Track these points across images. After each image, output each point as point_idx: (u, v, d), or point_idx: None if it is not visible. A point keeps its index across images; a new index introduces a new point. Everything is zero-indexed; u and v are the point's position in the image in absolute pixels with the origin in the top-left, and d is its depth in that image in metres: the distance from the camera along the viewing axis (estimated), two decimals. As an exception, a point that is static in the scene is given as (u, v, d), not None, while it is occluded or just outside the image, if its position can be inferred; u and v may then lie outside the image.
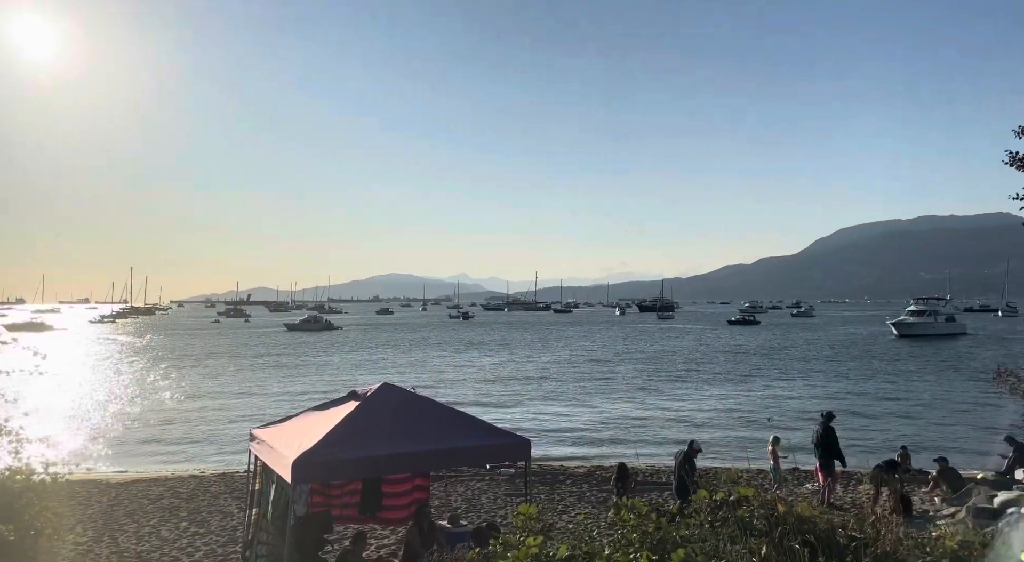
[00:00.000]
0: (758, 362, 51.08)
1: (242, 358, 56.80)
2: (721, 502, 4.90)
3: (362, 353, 61.33)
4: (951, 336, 78.41)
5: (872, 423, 26.33)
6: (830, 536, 4.59)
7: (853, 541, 4.60)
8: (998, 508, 13.02)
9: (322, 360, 54.72)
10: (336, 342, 75.84)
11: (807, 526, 4.64)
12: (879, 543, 4.48)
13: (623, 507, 4.74)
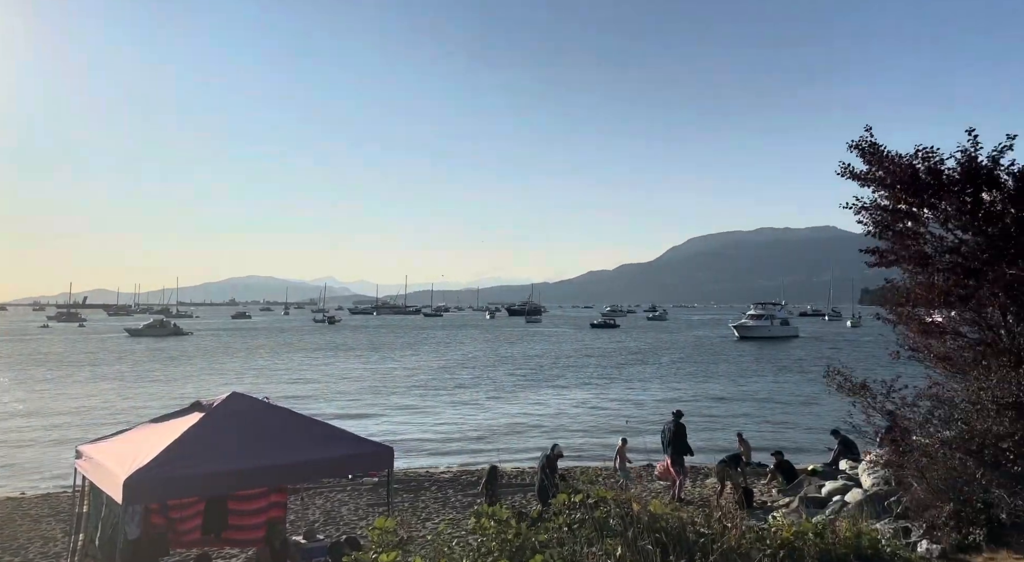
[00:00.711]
0: (617, 363, 53.33)
1: (76, 366, 51.55)
2: (579, 504, 4.94)
3: (213, 360, 57.58)
4: (785, 338, 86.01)
5: (717, 420, 28.16)
6: (680, 533, 4.74)
7: (701, 537, 4.78)
8: (825, 497, 14.24)
9: (166, 368, 50.77)
10: (184, 349, 70.70)
11: (660, 524, 4.77)
12: (725, 538, 4.69)
13: (484, 515, 4.66)
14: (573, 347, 72.33)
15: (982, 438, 7.47)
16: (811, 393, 35.26)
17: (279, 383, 40.57)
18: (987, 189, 8.07)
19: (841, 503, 13.18)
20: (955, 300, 8.73)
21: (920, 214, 9.05)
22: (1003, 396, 7.51)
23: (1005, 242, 7.86)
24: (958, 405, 8.53)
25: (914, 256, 9.00)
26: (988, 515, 7.53)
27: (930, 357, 9.54)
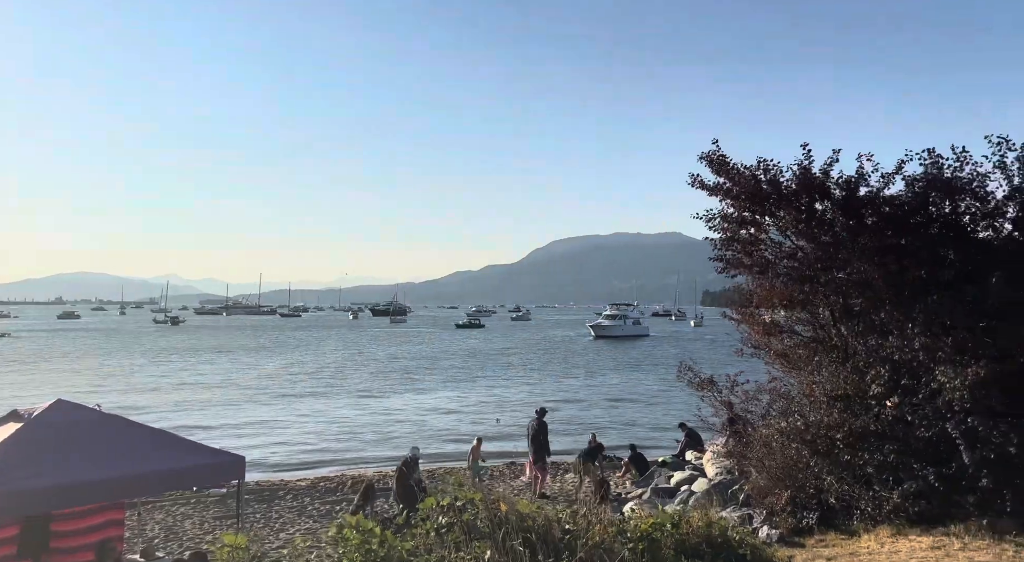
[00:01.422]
0: (483, 363, 53.77)
1: None
2: (447, 507, 4.81)
3: (33, 365, 51.69)
4: (638, 337, 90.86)
5: (578, 415, 29.11)
6: (547, 531, 4.74)
7: (567, 534, 4.81)
8: (674, 487, 15.04)
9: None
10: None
11: (527, 523, 4.75)
12: (590, 533, 4.75)
13: (347, 526, 4.41)
14: (439, 347, 72.10)
15: (815, 429, 8.17)
16: (661, 389, 37.37)
17: (112, 391, 37.00)
18: (820, 199, 8.85)
19: (689, 492, 13.97)
20: (792, 302, 9.51)
21: (762, 222, 9.77)
22: (833, 389, 8.25)
23: (836, 248, 8.66)
24: (794, 398, 9.28)
25: (757, 261, 9.71)
26: (819, 500, 8.24)
27: (770, 354, 10.34)
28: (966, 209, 8.53)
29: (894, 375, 7.73)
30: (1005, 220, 8.37)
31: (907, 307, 7.94)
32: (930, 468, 7.34)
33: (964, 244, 8.21)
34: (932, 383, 7.25)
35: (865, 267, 8.28)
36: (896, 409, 7.55)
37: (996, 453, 6.94)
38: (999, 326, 7.19)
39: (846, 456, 7.88)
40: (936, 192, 8.60)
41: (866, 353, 8.23)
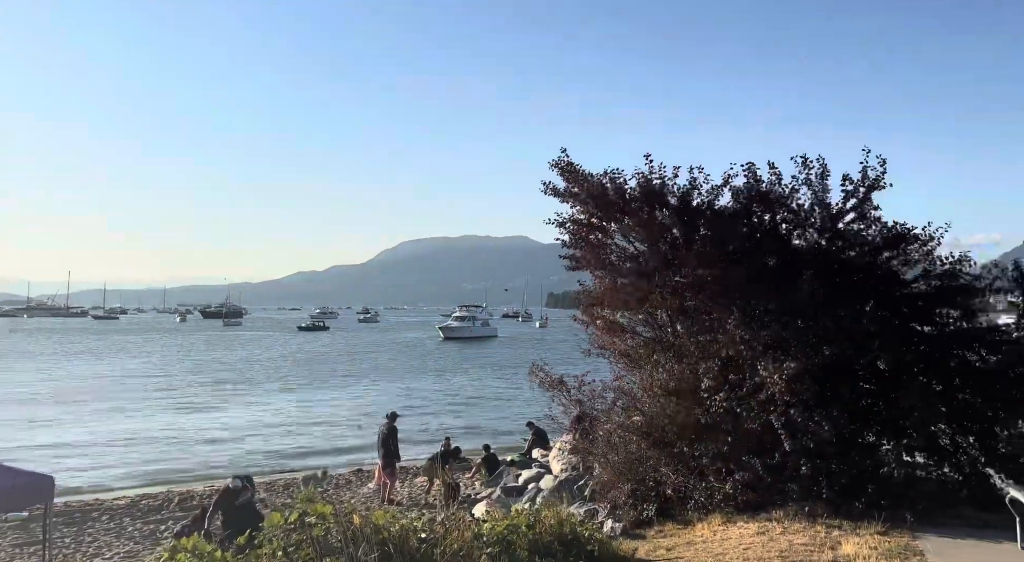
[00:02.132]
0: (328, 367, 51.93)
1: None
2: (296, 523, 4.51)
3: None
4: (487, 338, 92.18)
5: (428, 418, 28.92)
6: (404, 542, 4.59)
7: (424, 543, 4.68)
8: (522, 486, 15.33)
9: None
10: None
11: (382, 535, 4.56)
12: (448, 541, 4.65)
13: (181, 549, 3.99)
14: (279, 351, 68.66)
15: (654, 423, 8.65)
16: (510, 388, 38.11)
17: None
18: (659, 208, 9.44)
19: (536, 490, 14.28)
20: (634, 303, 10.04)
21: (608, 227, 10.24)
22: (669, 386, 8.79)
23: (673, 253, 9.28)
24: (636, 395, 9.79)
25: (603, 264, 10.19)
26: (658, 492, 8.72)
27: (614, 353, 10.84)
28: (783, 219, 9.48)
29: (724, 371, 8.36)
30: (813, 229, 9.38)
31: (734, 307, 8.64)
32: (757, 459, 8.00)
33: (782, 250, 9.10)
34: (755, 377, 7.92)
35: (699, 270, 8.91)
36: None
37: (813, 442, 7.70)
38: (809, 323, 8.01)
39: (683, 449, 8.41)
40: (757, 204, 9.46)
41: (698, 350, 8.85)
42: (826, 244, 9.27)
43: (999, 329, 9.02)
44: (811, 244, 9.38)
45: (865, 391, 8.56)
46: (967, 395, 8.36)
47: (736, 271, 8.64)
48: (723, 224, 9.36)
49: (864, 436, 8.53)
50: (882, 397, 8.40)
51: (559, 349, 64.52)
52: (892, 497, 7.79)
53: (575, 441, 12.53)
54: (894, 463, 8.35)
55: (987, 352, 8.59)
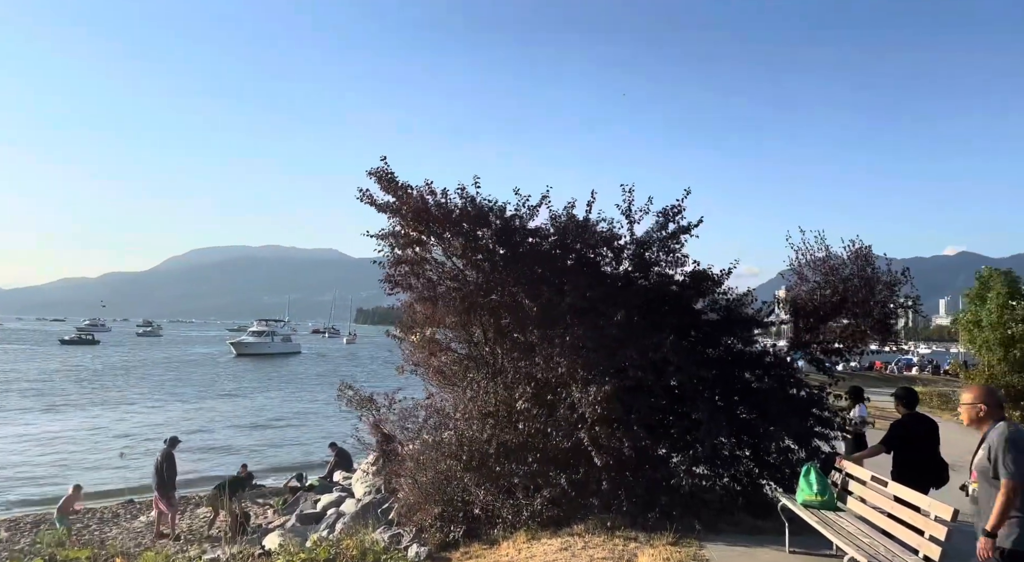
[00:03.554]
0: (96, 385, 45.87)
1: None
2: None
3: None
4: (288, 355, 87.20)
5: (217, 442, 26.51)
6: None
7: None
8: (321, 512, 14.45)
9: None
10: None
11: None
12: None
13: None
14: (34, 368, 59.50)
15: (468, 443, 8.51)
16: (311, 408, 36.22)
17: None
18: (481, 227, 9.38)
19: (337, 515, 13.54)
20: (452, 321, 9.88)
21: (428, 242, 9.99)
22: (484, 405, 8.71)
23: (493, 273, 9.24)
24: (449, 414, 9.60)
25: (422, 281, 9.89)
26: (466, 513, 8.57)
27: (429, 371, 10.58)
28: (600, 249, 9.82)
29: (539, 392, 8.46)
30: (628, 261, 9.86)
31: (552, 330, 8.80)
32: (563, 475, 8.15)
33: (598, 278, 9.44)
34: (569, 398, 8.10)
35: (518, 293, 8.98)
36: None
37: (614, 458, 8.00)
38: (619, 349, 8.37)
39: (494, 468, 8.35)
40: (574, 231, 9.71)
41: (514, 371, 8.89)
42: (639, 277, 9.78)
43: (773, 353, 10.09)
44: (625, 275, 9.82)
45: (660, 407, 9.12)
46: (745, 412, 9.22)
47: (554, 296, 8.81)
48: (541, 250, 9.52)
49: (658, 450, 9.07)
50: (674, 413, 9.00)
51: (368, 366, 62.87)
52: (682, 507, 8.32)
53: (382, 462, 12.07)
54: (684, 475, 8.94)
55: (761, 373, 9.56)
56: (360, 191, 9.93)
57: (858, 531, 6.27)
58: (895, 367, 52.55)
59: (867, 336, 20.79)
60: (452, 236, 9.42)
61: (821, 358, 11.08)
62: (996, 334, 23.93)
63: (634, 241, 9.81)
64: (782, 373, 9.77)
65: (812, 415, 9.52)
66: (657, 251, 9.90)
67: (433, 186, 9.71)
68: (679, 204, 9.69)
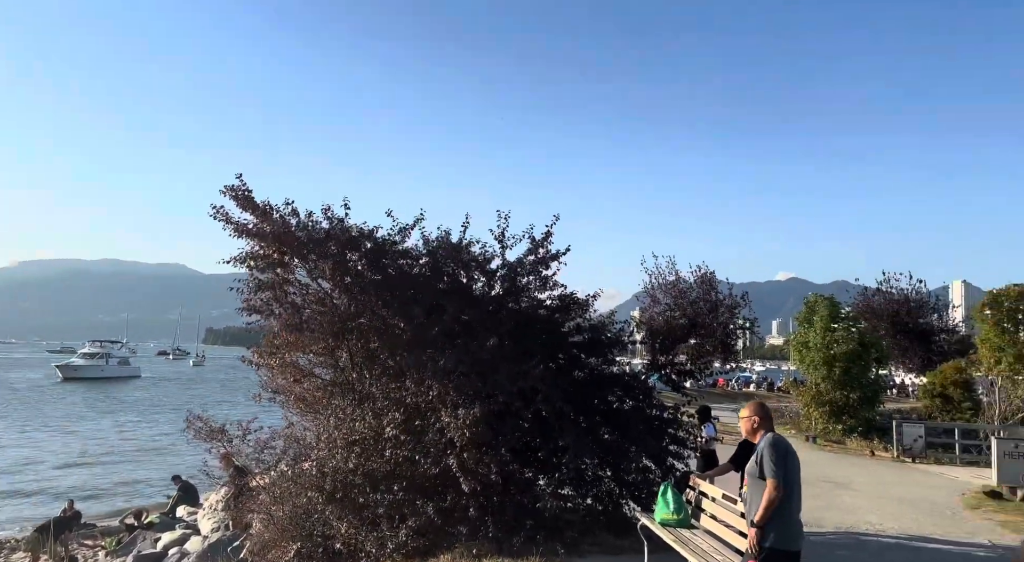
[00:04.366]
0: None
1: None
2: None
3: None
4: (125, 379, 79.75)
5: (39, 480, 23.68)
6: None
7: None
8: (162, 552, 13.30)
9: None
10: None
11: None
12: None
13: None
14: None
15: (332, 474, 8.14)
16: (151, 439, 33.34)
17: None
18: (351, 249, 9.10)
19: (180, 554, 12.55)
20: (318, 346, 9.46)
21: (291, 264, 9.55)
22: (350, 433, 8.39)
23: (363, 296, 8.97)
24: (311, 443, 9.16)
25: (286, 306, 9.40)
26: (326, 547, 8.19)
27: (290, 398, 10.05)
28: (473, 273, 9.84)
29: (408, 418, 8.29)
30: (500, 284, 9.94)
31: (423, 354, 8.66)
32: (430, 503, 8.00)
33: (471, 301, 9.43)
34: (438, 424, 7.99)
35: (389, 316, 8.79)
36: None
37: (482, 483, 7.97)
38: (490, 374, 8.39)
39: (358, 499, 8.05)
40: (448, 255, 9.67)
41: (383, 396, 8.66)
42: (511, 301, 9.89)
43: (634, 375, 10.54)
44: (497, 299, 9.89)
45: (527, 431, 9.23)
46: (608, 433, 9.54)
47: (426, 320, 8.71)
48: (416, 272, 9.40)
49: (524, 474, 9.15)
50: (542, 436, 9.14)
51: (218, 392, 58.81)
52: (547, 530, 8.43)
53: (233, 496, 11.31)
54: (549, 497, 9.08)
55: (623, 395, 9.95)
56: (214, 208, 9.33)
57: (711, 548, 6.61)
58: (735, 384, 56.77)
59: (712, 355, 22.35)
60: (319, 258, 9.06)
61: (674, 378, 11.72)
62: (821, 354, 26.44)
63: (507, 265, 9.94)
64: (641, 394, 10.22)
65: (668, 435, 10.02)
66: (528, 276, 10.08)
67: (296, 206, 9.33)
68: (549, 230, 9.96)
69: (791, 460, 5.13)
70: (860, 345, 26.62)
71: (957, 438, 21.59)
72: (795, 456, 5.24)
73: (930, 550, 9.71)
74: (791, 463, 5.12)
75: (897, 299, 38.35)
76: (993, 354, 35.87)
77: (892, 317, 37.72)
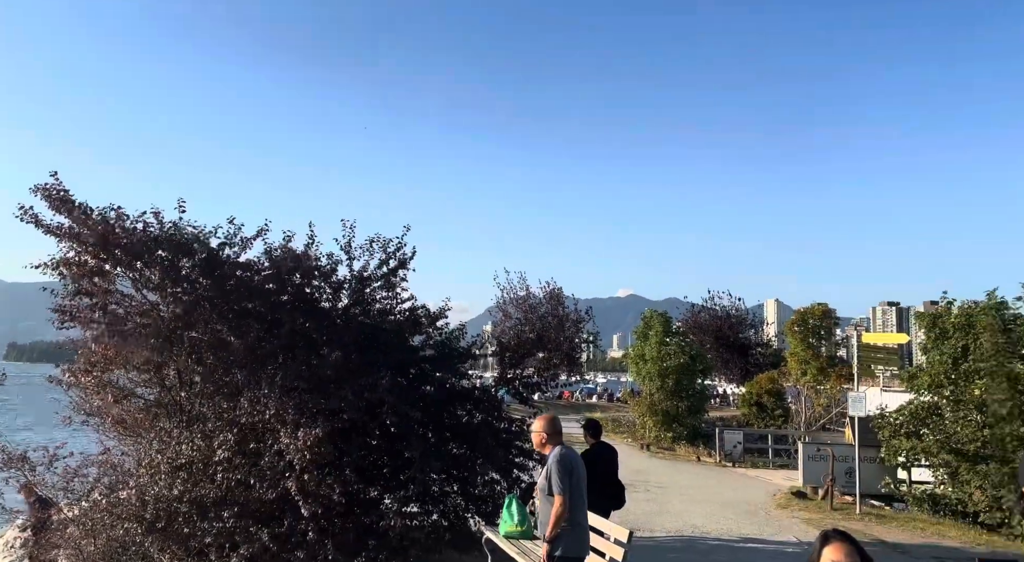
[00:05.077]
0: None
1: None
2: None
3: None
4: None
5: None
6: None
7: None
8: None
9: None
10: None
11: None
12: None
13: None
14: None
15: (154, 501, 7.42)
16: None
17: None
18: (184, 256, 8.39)
19: None
20: (142, 363, 8.63)
21: (112, 273, 8.66)
22: (177, 457, 7.72)
23: (196, 308, 8.28)
24: (130, 470, 8.32)
25: (107, 317, 8.49)
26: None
27: (107, 421, 9.08)
28: (318, 283, 9.44)
29: (243, 439, 7.76)
30: (347, 298, 9.62)
31: (261, 371, 8.17)
32: (265, 529, 7.53)
33: (316, 315, 9.02)
34: (276, 445, 7.56)
35: (224, 330, 8.21)
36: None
37: (323, 506, 7.63)
38: (334, 390, 8.08)
39: (185, 529, 7.40)
40: (291, 264, 9.22)
41: (215, 416, 8.05)
42: (359, 314, 9.59)
43: (484, 389, 10.62)
44: (344, 311, 9.56)
45: (374, 448, 8.98)
46: (456, 447, 9.53)
47: (265, 333, 8.24)
48: (253, 283, 8.86)
49: (370, 493, 8.89)
50: (387, 453, 8.93)
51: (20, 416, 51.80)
52: (391, 550, 8.23)
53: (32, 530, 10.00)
54: (394, 516, 8.88)
55: (472, 408, 9.99)
56: (21, 209, 8.29)
57: (552, 558, 6.77)
58: (580, 396, 59.08)
59: (559, 368, 23.13)
60: (146, 266, 8.28)
61: (522, 391, 11.97)
62: (655, 366, 28.25)
63: (355, 276, 9.67)
64: (490, 408, 10.32)
65: (516, 447, 10.19)
66: (377, 287, 9.88)
67: (122, 210, 8.49)
68: (400, 240, 9.83)
69: (577, 472, 5.47)
70: (689, 358, 28.74)
71: (770, 443, 23.86)
72: (582, 466, 5.63)
73: (747, 549, 10.62)
74: (576, 476, 5.45)
75: (720, 316, 41.96)
76: (800, 366, 40.16)
77: (716, 332, 41.19)
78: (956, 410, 13.73)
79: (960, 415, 13.56)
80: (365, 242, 9.65)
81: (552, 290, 26.13)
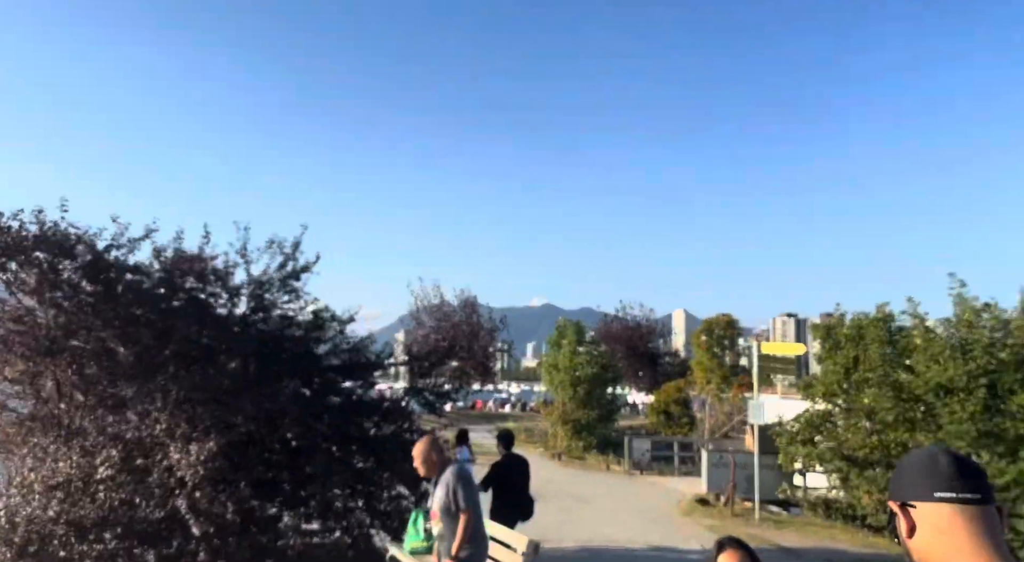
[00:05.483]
0: None
1: None
2: None
3: None
4: None
5: None
6: None
7: None
8: None
9: None
10: None
11: None
12: None
13: None
14: None
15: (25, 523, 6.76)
16: None
17: None
18: (65, 258, 7.75)
19: None
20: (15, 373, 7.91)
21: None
22: (53, 476, 7.09)
23: (78, 314, 7.66)
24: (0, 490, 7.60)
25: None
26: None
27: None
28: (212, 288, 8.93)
29: (128, 456, 7.22)
30: (245, 301, 9.14)
31: (151, 382, 7.64)
32: (152, 550, 7.03)
33: (211, 320, 8.53)
34: (166, 461, 7.07)
35: (110, 338, 7.63)
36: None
37: (216, 524, 7.19)
38: (231, 401, 7.65)
39: (61, 552, 6.80)
40: (183, 268, 8.70)
41: (97, 431, 7.46)
42: (259, 320, 9.14)
43: (390, 399, 10.34)
44: (242, 318, 9.09)
45: (273, 463, 8.56)
46: (362, 461, 9.21)
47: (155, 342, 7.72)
48: (145, 287, 8.29)
49: (268, 510, 8.46)
50: (288, 467, 8.53)
51: None
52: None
53: None
54: (293, 533, 8.49)
55: (380, 420, 9.70)
56: None
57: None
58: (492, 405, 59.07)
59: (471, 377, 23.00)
60: (22, 267, 7.61)
61: (433, 401, 11.76)
62: (568, 375, 28.56)
63: (252, 281, 9.21)
64: (399, 418, 10.06)
65: (425, 459, 9.93)
66: (277, 291, 9.45)
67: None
68: (298, 241, 9.44)
69: (474, 485, 5.70)
70: (601, 367, 29.21)
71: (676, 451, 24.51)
72: (473, 477, 5.83)
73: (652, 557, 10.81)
74: (475, 489, 5.66)
75: (631, 325, 42.95)
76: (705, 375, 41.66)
77: (627, 342, 42.13)
78: (847, 418, 14.46)
79: (851, 422, 14.29)
80: (264, 244, 9.20)
81: (467, 298, 25.99)
